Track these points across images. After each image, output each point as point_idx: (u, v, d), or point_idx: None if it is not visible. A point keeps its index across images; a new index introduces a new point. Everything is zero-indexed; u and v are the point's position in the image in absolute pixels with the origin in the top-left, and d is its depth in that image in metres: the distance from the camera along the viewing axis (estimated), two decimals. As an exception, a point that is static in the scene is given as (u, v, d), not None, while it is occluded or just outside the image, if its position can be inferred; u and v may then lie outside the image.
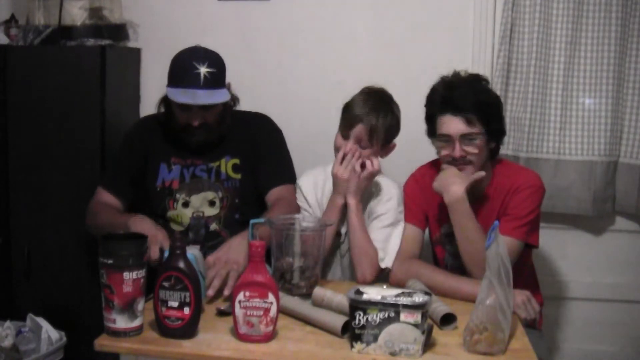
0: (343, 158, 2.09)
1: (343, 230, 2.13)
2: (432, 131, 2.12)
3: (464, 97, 2.03)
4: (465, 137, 2.02)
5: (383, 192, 2.13)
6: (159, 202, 2.29)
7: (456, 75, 2.10)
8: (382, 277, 2.10)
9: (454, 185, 2.01)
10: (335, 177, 2.10)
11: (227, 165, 2.31)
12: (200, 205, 2.28)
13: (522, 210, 2.05)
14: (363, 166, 2.09)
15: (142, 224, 2.05)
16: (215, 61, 2.23)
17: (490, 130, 2.06)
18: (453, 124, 2.03)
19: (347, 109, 2.15)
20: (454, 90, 2.05)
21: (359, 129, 2.10)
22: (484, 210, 2.09)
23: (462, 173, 2.03)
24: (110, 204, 2.32)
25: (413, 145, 2.61)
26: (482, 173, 2.05)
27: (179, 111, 2.22)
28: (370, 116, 2.10)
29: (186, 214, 2.28)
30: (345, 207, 2.10)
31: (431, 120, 2.12)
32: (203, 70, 2.17)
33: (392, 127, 2.14)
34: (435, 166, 2.20)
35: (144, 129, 2.41)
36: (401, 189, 2.18)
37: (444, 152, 2.07)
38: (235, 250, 1.98)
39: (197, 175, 2.30)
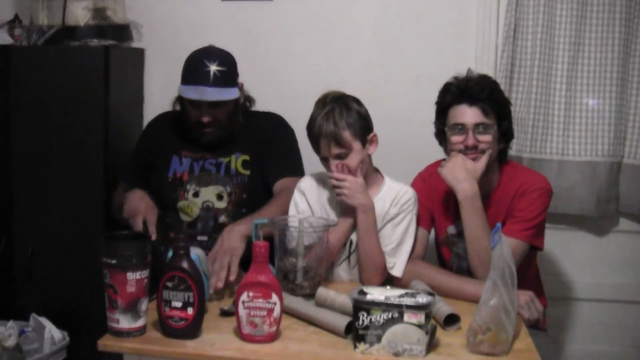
0: (338, 185, 2.03)
1: (354, 238, 2.10)
2: (443, 124, 2.11)
3: (480, 89, 2.05)
4: (479, 126, 2.04)
5: (398, 195, 2.11)
6: (170, 192, 2.33)
7: (470, 72, 2.13)
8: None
9: (465, 182, 2.01)
10: (344, 204, 2.07)
11: (237, 161, 2.35)
12: (208, 198, 2.31)
13: (529, 213, 2.05)
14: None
15: (132, 197, 2.21)
16: (226, 60, 2.28)
17: (502, 127, 2.08)
18: (468, 113, 2.04)
19: (307, 130, 2.08)
20: (470, 82, 2.08)
21: (325, 144, 2.02)
22: (491, 211, 2.08)
23: (475, 162, 2.03)
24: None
25: (414, 145, 2.63)
26: (491, 152, 2.05)
27: (191, 108, 2.28)
28: (327, 125, 2.00)
29: (197, 204, 2.31)
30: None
31: (443, 113, 2.11)
32: (213, 68, 2.21)
33: (355, 122, 2.02)
34: None
35: (158, 124, 2.50)
36: (415, 193, 2.14)
37: (456, 139, 2.06)
38: (228, 238, 2.03)
39: (205, 169, 2.34)
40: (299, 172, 2.33)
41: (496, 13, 2.73)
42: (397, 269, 2.06)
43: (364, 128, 2.05)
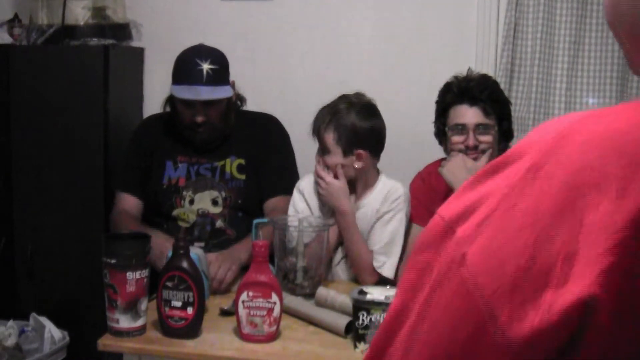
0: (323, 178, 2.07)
1: None
2: (443, 124, 2.11)
3: (481, 89, 2.05)
4: (480, 127, 2.04)
5: (389, 193, 2.10)
6: (165, 199, 2.30)
7: (470, 71, 2.13)
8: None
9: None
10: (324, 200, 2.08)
11: (232, 165, 2.32)
12: (203, 203, 2.30)
13: None
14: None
15: (158, 241, 2.04)
16: (218, 58, 2.25)
17: (502, 127, 2.08)
18: (469, 114, 2.04)
19: None
20: (471, 82, 2.08)
21: (315, 135, 2.08)
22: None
23: (475, 162, 2.03)
24: (130, 209, 2.32)
25: (414, 144, 2.63)
26: (492, 152, 2.05)
27: (183, 108, 2.24)
28: (317, 119, 2.06)
29: (193, 210, 2.29)
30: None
31: (444, 112, 2.11)
32: (205, 67, 2.19)
33: (343, 130, 2.00)
34: None
35: (150, 128, 2.43)
36: (407, 190, 2.14)
37: (457, 139, 2.06)
38: (237, 249, 2.07)
39: (201, 174, 2.32)
40: (289, 190, 2.26)
41: (496, 13, 2.73)
42: (386, 268, 2.03)
43: (350, 140, 2.01)
